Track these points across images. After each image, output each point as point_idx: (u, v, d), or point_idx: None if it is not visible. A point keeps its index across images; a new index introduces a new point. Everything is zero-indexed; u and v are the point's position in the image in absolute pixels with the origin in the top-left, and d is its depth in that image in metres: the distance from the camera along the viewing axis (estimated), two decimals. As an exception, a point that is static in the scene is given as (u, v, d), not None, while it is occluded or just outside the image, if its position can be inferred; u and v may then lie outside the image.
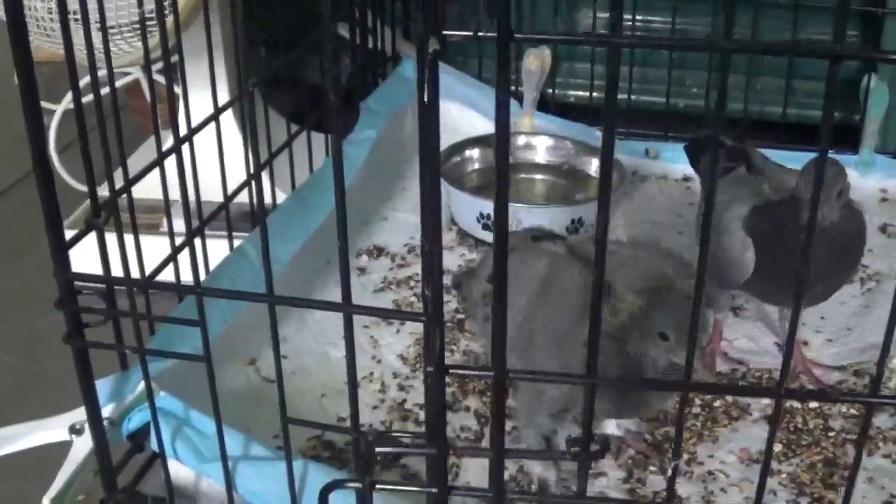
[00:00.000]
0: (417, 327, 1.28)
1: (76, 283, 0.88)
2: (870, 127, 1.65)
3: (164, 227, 1.36)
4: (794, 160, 1.30)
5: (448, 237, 1.47)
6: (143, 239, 1.00)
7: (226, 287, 1.14)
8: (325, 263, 1.35)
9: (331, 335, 1.25)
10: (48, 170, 0.84)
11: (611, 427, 1.13)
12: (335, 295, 1.29)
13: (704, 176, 1.30)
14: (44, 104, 1.99)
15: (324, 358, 1.22)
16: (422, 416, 1.14)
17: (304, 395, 1.16)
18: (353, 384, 0.83)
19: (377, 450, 0.83)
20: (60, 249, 0.87)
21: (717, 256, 1.17)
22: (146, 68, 1.12)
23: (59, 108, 1.75)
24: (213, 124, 1.13)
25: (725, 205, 1.17)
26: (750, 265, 1.13)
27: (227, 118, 1.45)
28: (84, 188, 1.62)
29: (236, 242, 1.24)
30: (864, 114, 1.66)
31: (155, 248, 1.06)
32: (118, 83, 1.78)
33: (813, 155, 1.53)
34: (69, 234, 1.44)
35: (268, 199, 1.34)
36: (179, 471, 0.97)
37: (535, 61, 1.69)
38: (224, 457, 0.91)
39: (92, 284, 0.91)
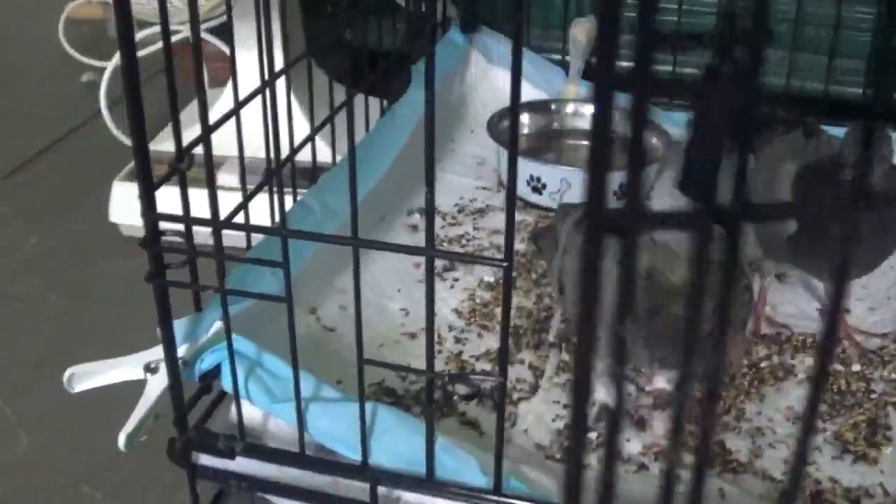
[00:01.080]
0: (470, 283, 1.31)
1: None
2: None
3: (220, 181, 1.40)
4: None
5: (498, 198, 1.51)
6: (200, 192, 1.02)
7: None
8: (380, 220, 1.39)
9: (387, 289, 1.29)
10: (140, 114, 0.87)
11: (661, 381, 1.17)
12: (394, 238, 1.34)
13: (758, 145, 1.33)
14: (91, 61, 2.04)
15: (381, 310, 1.25)
16: (477, 367, 1.18)
17: (365, 344, 1.19)
18: (430, 326, 0.87)
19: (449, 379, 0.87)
20: (148, 191, 0.90)
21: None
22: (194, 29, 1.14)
23: (110, 65, 1.78)
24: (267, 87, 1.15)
25: (780, 161, 1.20)
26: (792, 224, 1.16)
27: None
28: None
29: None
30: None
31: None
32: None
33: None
34: (126, 185, 1.49)
35: (328, 158, 1.37)
36: (247, 411, 1.01)
37: (583, 30, 1.71)
38: (298, 396, 0.95)
39: (172, 226, 0.93)
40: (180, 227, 0.95)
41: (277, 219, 0.96)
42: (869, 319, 1.31)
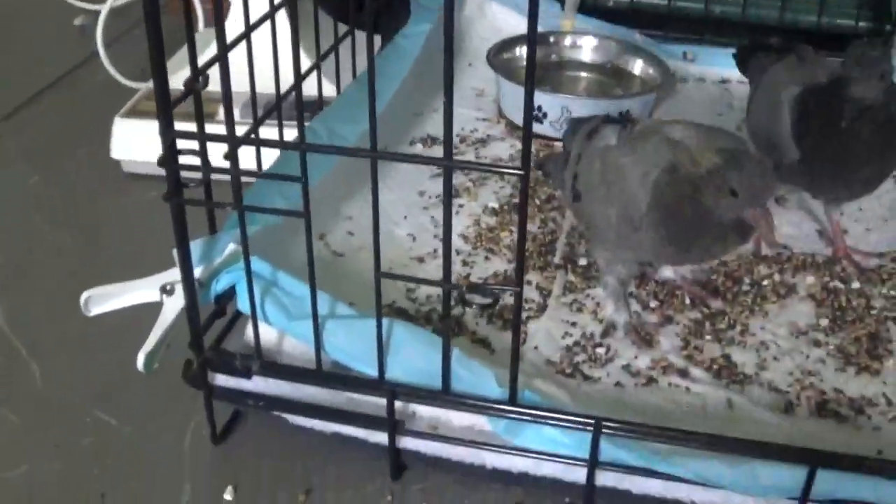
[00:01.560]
0: (474, 209, 1.33)
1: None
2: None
3: (220, 117, 1.40)
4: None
5: (498, 128, 1.52)
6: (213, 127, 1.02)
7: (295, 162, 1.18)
8: (384, 148, 1.40)
9: (394, 215, 1.30)
10: (159, 31, 0.87)
11: (668, 272, 1.20)
12: (394, 178, 1.36)
13: (755, 73, 1.34)
14: (83, 4, 2.03)
15: (389, 236, 1.26)
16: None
17: (371, 270, 1.20)
18: (447, 236, 0.88)
19: (467, 292, 0.88)
20: (165, 110, 0.90)
21: (770, 139, 1.22)
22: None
23: (105, 7, 1.78)
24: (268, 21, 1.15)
25: (780, 85, 1.21)
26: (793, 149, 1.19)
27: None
28: (130, 83, 1.67)
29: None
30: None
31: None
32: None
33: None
34: (127, 122, 1.50)
35: (333, 93, 1.38)
36: (263, 331, 1.01)
37: (577, -36, 1.72)
38: (315, 313, 0.96)
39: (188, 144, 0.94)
40: (196, 146, 0.96)
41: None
42: (867, 240, 1.33)
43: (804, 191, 1.29)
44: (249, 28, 1.04)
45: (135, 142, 1.50)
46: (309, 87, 1.25)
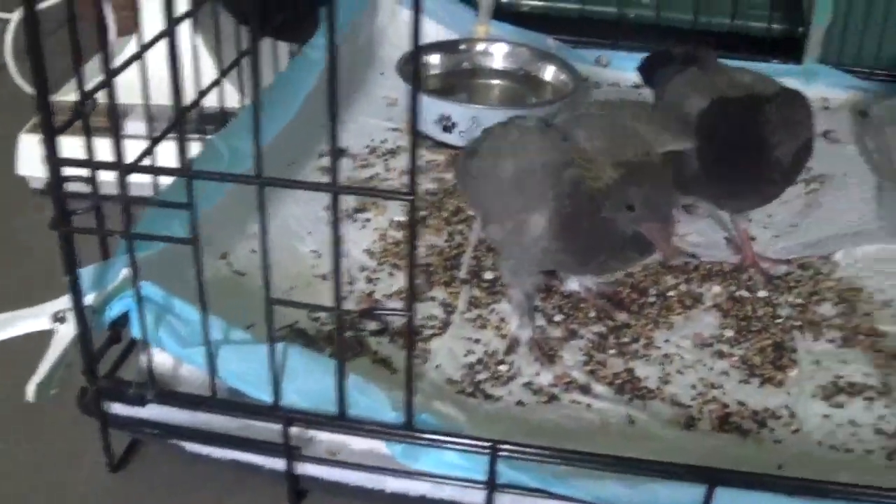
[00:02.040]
0: (381, 224, 1.32)
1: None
2: (814, 37, 1.70)
3: (127, 130, 1.38)
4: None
5: (408, 138, 1.51)
6: (105, 141, 1.01)
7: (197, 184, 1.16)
8: (290, 164, 1.39)
9: (298, 231, 1.29)
10: (41, 63, 0.85)
11: (574, 284, 1.20)
12: (298, 194, 1.34)
13: (659, 84, 1.34)
14: None
15: (292, 252, 1.25)
16: (389, 304, 1.18)
17: (274, 288, 1.18)
18: (337, 263, 0.87)
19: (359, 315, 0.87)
20: (50, 136, 0.88)
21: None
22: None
23: (14, 16, 1.74)
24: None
25: (683, 97, 1.21)
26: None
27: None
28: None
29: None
30: (808, 24, 1.71)
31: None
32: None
33: (756, 65, 1.60)
34: (32, 137, 1.47)
35: (237, 104, 1.36)
36: (159, 358, 1.00)
37: (490, -31, 1.72)
38: (207, 339, 0.95)
39: (78, 172, 0.92)
40: (86, 172, 0.94)
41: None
42: (774, 247, 1.34)
43: (706, 201, 1.29)
44: (144, 47, 1.02)
45: (40, 157, 1.46)
46: (216, 100, 1.24)
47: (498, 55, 1.65)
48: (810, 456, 1.01)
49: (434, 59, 1.63)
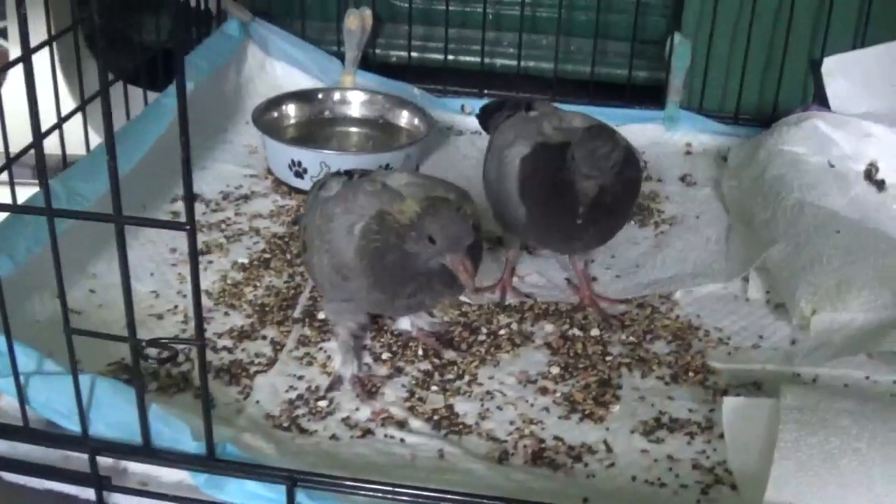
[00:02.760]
0: (223, 266, 1.34)
1: None
2: (674, 83, 1.74)
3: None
4: (602, 115, 1.38)
5: (264, 185, 1.54)
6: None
7: (30, 222, 1.18)
8: (141, 207, 1.40)
9: (140, 273, 1.30)
10: None
11: (405, 324, 1.22)
12: (146, 234, 1.36)
13: (491, 131, 1.38)
14: None
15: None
16: (220, 343, 1.20)
17: (110, 325, 1.19)
18: (127, 293, 0.88)
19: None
20: None
21: (501, 196, 1.25)
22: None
23: None
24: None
25: (507, 144, 1.24)
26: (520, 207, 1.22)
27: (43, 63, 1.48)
28: None
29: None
30: (669, 71, 1.76)
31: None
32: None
33: (619, 111, 1.64)
34: None
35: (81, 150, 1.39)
36: None
37: (356, 21, 1.75)
38: (15, 370, 0.97)
39: None
40: None
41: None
42: (615, 287, 1.36)
43: (537, 245, 1.32)
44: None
45: None
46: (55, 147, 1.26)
47: (356, 103, 1.68)
48: (621, 490, 1.03)
49: (290, 108, 1.66)
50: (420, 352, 1.20)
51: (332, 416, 1.10)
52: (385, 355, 1.20)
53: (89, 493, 0.98)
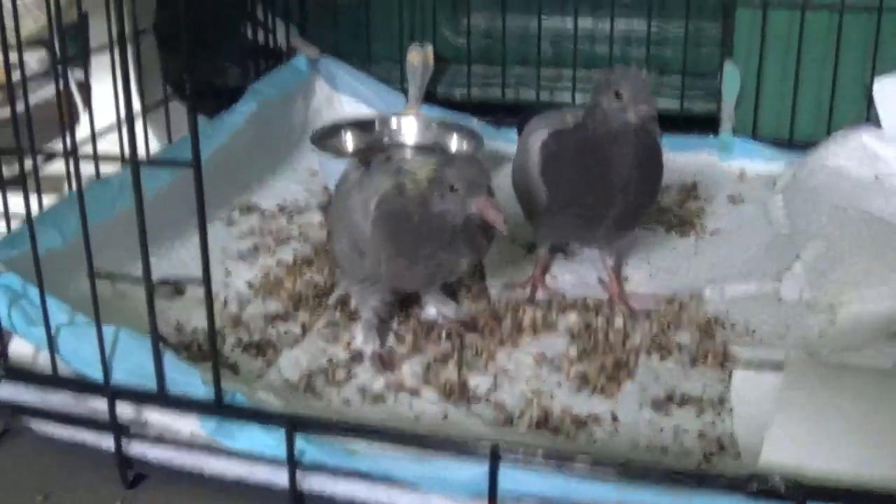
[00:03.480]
0: (269, 263, 1.43)
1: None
2: (726, 110, 1.78)
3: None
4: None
5: (319, 200, 1.61)
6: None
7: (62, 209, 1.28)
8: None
9: (189, 266, 1.38)
10: None
11: (432, 312, 1.27)
12: (210, 229, 1.43)
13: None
14: None
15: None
16: (253, 325, 1.27)
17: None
18: (142, 234, 0.95)
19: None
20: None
21: (524, 182, 1.31)
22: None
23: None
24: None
25: (531, 132, 1.31)
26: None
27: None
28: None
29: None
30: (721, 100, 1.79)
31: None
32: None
33: (674, 139, 1.68)
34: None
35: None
36: (20, 345, 1.11)
37: (417, 57, 1.85)
38: (46, 320, 1.06)
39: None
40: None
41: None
42: (646, 286, 1.39)
43: (563, 238, 1.36)
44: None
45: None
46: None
47: (410, 130, 1.77)
48: (622, 455, 1.05)
49: (351, 134, 1.75)
50: (443, 335, 1.24)
51: (348, 384, 1.15)
52: (408, 337, 1.24)
53: (112, 444, 1.05)
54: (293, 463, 0.98)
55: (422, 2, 2.01)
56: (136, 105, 1.57)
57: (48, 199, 1.30)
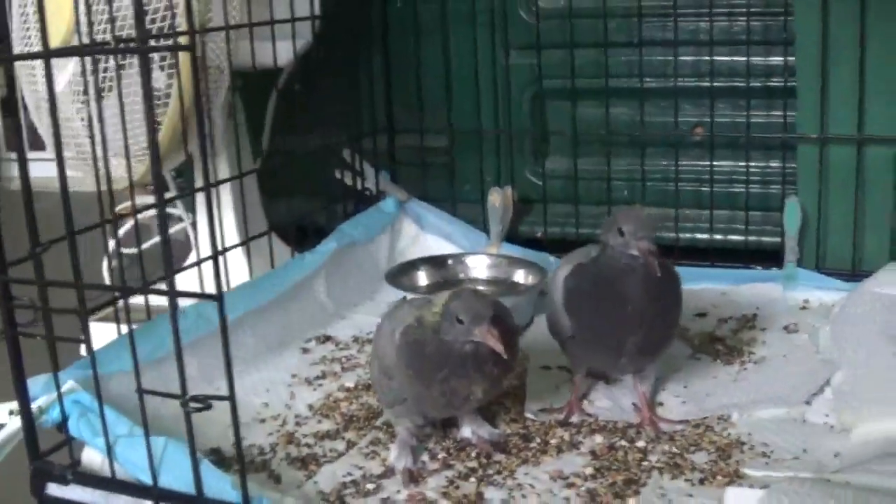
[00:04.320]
0: (331, 388, 1.56)
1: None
2: (789, 243, 1.86)
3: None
4: (722, 277, 1.70)
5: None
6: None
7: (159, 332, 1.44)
8: (278, 342, 1.66)
9: (257, 387, 1.54)
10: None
11: (467, 432, 1.38)
12: (275, 365, 1.60)
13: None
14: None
15: (243, 398, 1.46)
16: (303, 441, 1.40)
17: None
18: (179, 360, 1.11)
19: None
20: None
21: (552, 314, 1.42)
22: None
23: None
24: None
25: (559, 270, 1.43)
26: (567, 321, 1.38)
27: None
28: None
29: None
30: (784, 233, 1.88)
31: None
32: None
33: (739, 272, 1.78)
34: None
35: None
36: (91, 453, 1.28)
37: (498, 198, 2.01)
38: (105, 432, 1.22)
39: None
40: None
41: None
42: (678, 410, 1.46)
43: (591, 365, 1.45)
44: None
45: None
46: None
47: (482, 266, 1.90)
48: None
49: (425, 271, 1.90)
50: (473, 454, 1.35)
51: (375, 496, 1.26)
52: (441, 455, 1.35)
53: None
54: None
55: (507, 147, 2.17)
56: (236, 238, 1.78)
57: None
